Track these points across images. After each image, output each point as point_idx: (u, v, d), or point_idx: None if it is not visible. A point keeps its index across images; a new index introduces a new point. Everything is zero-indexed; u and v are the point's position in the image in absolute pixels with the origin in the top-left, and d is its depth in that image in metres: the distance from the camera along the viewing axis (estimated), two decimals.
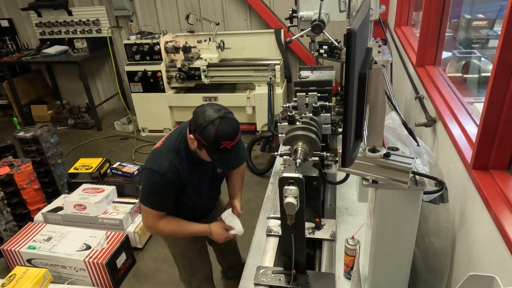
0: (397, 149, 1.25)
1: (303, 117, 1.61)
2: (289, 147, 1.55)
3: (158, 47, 4.67)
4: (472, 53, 2.43)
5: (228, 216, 1.91)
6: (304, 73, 2.40)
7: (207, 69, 4.64)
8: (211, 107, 1.57)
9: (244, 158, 1.69)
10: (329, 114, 1.71)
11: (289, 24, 2.16)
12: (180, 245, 2.05)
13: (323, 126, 1.69)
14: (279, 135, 1.64)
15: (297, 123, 1.57)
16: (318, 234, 1.72)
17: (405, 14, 3.40)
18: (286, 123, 1.59)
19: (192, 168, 1.72)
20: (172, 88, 4.96)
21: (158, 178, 1.63)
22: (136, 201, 3.23)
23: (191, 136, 1.60)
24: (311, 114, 1.66)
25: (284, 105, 1.80)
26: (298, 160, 1.44)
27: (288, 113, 1.58)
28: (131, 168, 3.48)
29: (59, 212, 3.14)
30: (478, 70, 2.37)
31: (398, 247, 1.33)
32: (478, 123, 1.40)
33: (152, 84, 4.81)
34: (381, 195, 1.25)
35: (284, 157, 1.61)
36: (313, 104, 1.71)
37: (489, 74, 1.24)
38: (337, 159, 2.17)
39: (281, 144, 1.64)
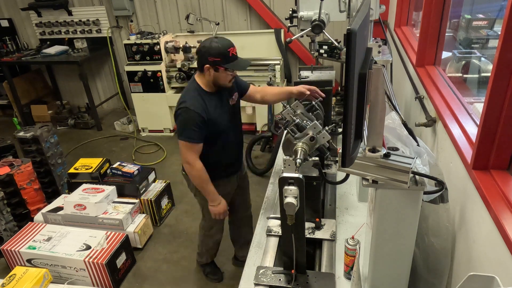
0: (397, 149, 1.25)
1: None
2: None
3: (158, 47, 4.67)
4: (472, 53, 2.43)
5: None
6: (304, 73, 2.40)
7: None
8: (204, 41, 1.96)
9: (248, 62, 2.05)
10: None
11: (289, 24, 2.17)
12: None
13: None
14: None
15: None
16: (318, 234, 1.73)
17: (405, 14, 3.40)
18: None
19: (211, 101, 2.03)
20: (172, 88, 4.96)
21: (186, 113, 1.96)
22: (136, 201, 3.23)
23: (206, 66, 1.94)
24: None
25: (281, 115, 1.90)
26: (298, 160, 1.44)
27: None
28: (131, 168, 3.48)
29: (59, 212, 3.14)
30: (478, 70, 2.37)
31: (398, 247, 1.33)
32: (478, 123, 1.40)
33: (152, 84, 4.81)
34: (381, 195, 1.24)
35: (284, 157, 1.61)
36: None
37: (489, 74, 1.24)
38: (337, 159, 2.18)
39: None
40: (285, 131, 1.67)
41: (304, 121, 1.65)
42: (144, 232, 3.15)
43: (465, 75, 2.43)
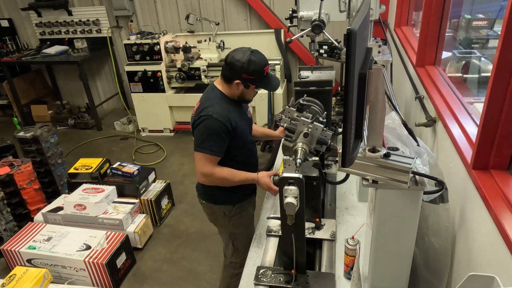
0: (397, 149, 1.25)
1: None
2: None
3: (158, 47, 4.67)
4: (472, 53, 2.43)
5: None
6: (304, 73, 2.40)
7: (207, 69, 4.64)
8: (237, 52, 1.77)
9: (279, 80, 1.92)
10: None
11: (289, 24, 2.16)
12: (244, 224, 2.09)
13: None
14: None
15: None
16: (318, 234, 1.73)
17: (405, 14, 3.40)
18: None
19: (236, 111, 1.86)
20: (172, 88, 4.96)
21: (209, 122, 1.74)
22: (136, 201, 3.23)
23: (236, 81, 1.77)
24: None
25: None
26: (298, 160, 1.44)
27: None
28: (131, 168, 3.48)
29: (59, 212, 3.14)
30: (478, 70, 2.37)
31: (398, 247, 1.33)
32: (478, 123, 1.40)
33: (152, 84, 4.81)
34: (381, 195, 1.25)
35: (284, 157, 1.61)
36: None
37: (489, 74, 1.24)
38: (337, 159, 2.18)
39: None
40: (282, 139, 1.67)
41: (294, 122, 1.63)
42: (144, 232, 3.15)
43: (465, 75, 2.43)
